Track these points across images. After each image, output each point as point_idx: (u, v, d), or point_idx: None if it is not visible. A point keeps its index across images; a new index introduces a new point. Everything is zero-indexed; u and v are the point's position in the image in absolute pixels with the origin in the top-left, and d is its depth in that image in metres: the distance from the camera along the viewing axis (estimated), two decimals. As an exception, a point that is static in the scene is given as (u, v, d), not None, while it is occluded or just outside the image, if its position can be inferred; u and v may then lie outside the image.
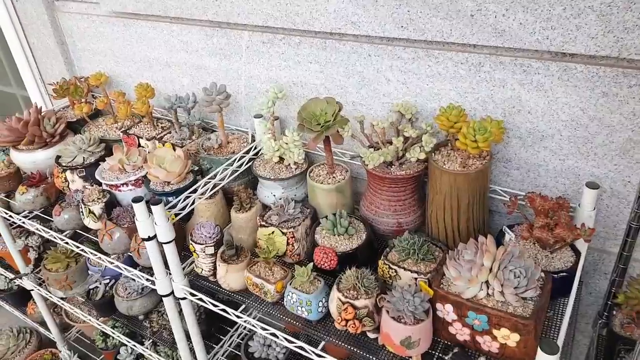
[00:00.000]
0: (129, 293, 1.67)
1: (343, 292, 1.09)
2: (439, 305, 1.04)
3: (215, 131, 1.68)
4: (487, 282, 1.00)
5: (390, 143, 1.25)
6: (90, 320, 1.86)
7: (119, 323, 1.86)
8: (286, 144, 1.41)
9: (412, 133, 1.21)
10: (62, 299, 1.90)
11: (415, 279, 1.11)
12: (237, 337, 1.74)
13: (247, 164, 1.49)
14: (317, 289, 1.14)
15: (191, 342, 1.54)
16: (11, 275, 2.03)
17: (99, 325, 1.86)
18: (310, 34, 1.35)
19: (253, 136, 1.58)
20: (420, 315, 1.01)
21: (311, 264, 1.17)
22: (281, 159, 1.45)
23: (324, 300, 1.15)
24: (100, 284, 1.77)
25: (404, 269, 1.13)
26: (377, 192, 1.26)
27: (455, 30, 1.12)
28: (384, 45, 1.25)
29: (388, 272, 1.15)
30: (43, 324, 2.24)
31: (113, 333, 1.84)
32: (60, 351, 2.22)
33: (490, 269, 1.00)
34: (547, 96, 1.11)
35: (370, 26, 1.22)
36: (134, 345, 1.81)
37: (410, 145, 1.23)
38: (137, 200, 1.19)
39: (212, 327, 1.72)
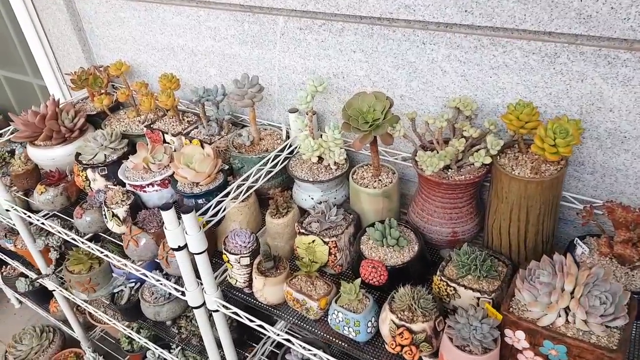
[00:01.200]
0: (156, 298, 1.58)
1: (397, 314, 0.97)
2: (507, 331, 0.92)
3: (245, 126, 1.55)
4: (566, 307, 0.88)
5: (446, 143, 1.12)
6: (115, 324, 1.78)
7: (145, 325, 1.78)
8: (325, 142, 1.29)
9: (473, 132, 1.07)
10: (85, 301, 1.82)
11: (478, 298, 0.99)
12: (271, 345, 1.64)
13: (282, 163, 1.37)
14: (366, 307, 1.03)
15: (222, 351, 1.44)
16: (33, 276, 1.96)
17: (124, 329, 1.78)
18: (355, 19, 1.20)
19: (288, 132, 1.45)
20: (488, 345, 0.89)
21: (359, 279, 1.05)
22: (320, 159, 1.32)
23: (373, 320, 1.03)
24: (126, 287, 1.68)
25: (465, 286, 1.00)
26: (431, 198, 1.13)
27: (530, 16, 0.97)
28: (442, 32, 1.10)
29: (445, 289, 1.03)
30: (66, 322, 2.17)
31: (139, 339, 1.75)
32: (84, 352, 2.16)
33: (572, 294, 0.87)
34: (634, 92, 0.96)
35: (427, 10, 1.07)
36: (162, 352, 1.73)
37: (470, 146, 1.09)
38: (165, 207, 1.08)
39: (245, 335, 1.62)
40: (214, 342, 1.42)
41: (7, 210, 1.70)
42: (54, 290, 1.91)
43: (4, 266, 2.40)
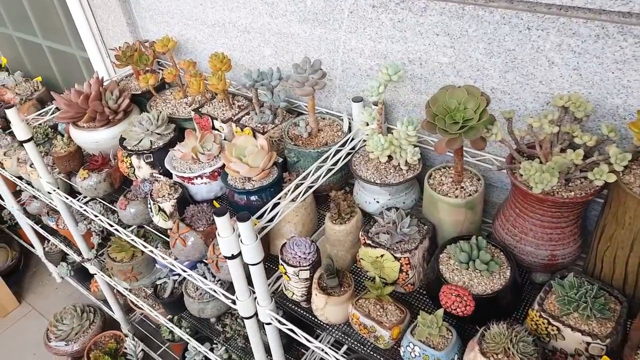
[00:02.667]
0: (201, 294, 1.48)
1: (489, 357, 0.81)
2: (630, 392, 0.76)
3: (301, 114, 1.40)
4: None
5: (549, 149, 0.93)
6: (157, 316, 1.71)
7: (187, 318, 1.69)
8: (397, 139, 1.12)
9: (588, 140, 0.88)
10: (126, 289, 1.75)
11: (588, 343, 0.82)
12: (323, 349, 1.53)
13: (343, 160, 1.21)
14: (449, 343, 0.88)
15: (270, 356, 1.34)
16: (74, 257, 1.91)
17: (166, 323, 1.70)
18: (444, -3, 1.02)
19: (350, 124, 1.29)
20: (609, 409, 0.73)
21: (441, 311, 0.90)
22: (389, 157, 1.16)
23: (456, 358, 0.88)
24: (169, 279, 1.59)
25: (571, 327, 0.83)
26: (527, 214, 0.95)
27: (685, -1, 0.76)
28: (554, 16, 0.90)
29: (545, 328, 0.86)
30: (107, 302, 2.13)
31: (182, 334, 1.67)
32: (126, 335, 2.11)
33: None
34: None
35: (541, -11, 0.88)
36: (206, 352, 1.64)
37: (583, 157, 0.90)
38: (220, 213, 0.95)
39: (294, 340, 1.51)
40: (263, 350, 1.31)
41: (49, 193, 1.62)
42: (95, 274, 1.85)
43: (46, 241, 2.38)
